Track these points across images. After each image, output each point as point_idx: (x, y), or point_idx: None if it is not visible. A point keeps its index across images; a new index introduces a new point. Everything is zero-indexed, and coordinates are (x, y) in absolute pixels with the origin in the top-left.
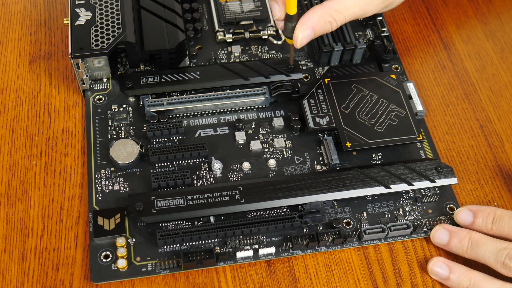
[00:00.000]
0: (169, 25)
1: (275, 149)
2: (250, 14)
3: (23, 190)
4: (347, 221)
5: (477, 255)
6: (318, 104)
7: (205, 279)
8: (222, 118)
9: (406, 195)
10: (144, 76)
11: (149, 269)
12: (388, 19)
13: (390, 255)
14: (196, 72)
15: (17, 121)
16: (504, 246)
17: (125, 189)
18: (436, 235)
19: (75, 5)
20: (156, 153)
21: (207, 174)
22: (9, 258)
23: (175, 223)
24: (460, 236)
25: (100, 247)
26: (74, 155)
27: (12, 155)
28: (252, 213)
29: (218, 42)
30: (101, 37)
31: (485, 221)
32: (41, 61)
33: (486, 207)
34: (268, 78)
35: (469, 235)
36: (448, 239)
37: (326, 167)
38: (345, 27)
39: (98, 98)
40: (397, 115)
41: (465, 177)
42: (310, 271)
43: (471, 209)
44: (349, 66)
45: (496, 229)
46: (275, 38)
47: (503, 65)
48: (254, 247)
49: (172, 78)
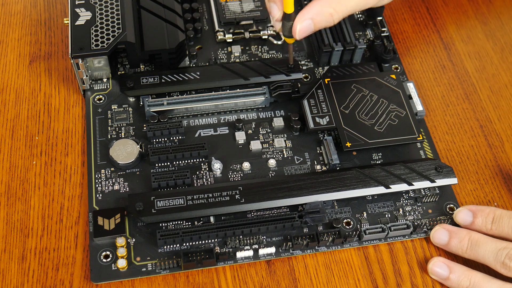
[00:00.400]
0: (169, 25)
1: (275, 149)
2: (250, 14)
3: (23, 190)
4: (347, 221)
5: (476, 255)
6: (318, 104)
7: (205, 279)
8: (222, 118)
9: (406, 195)
10: (144, 76)
11: (149, 269)
12: (388, 19)
13: (390, 255)
14: (196, 73)
15: (17, 121)
16: (504, 246)
17: (125, 189)
18: (435, 235)
19: (75, 5)
20: (156, 153)
21: (207, 174)
22: (9, 258)
23: (175, 223)
24: (459, 236)
25: (100, 247)
26: (74, 155)
27: (12, 155)
28: (252, 213)
29: (218, 42)
30: (101, 37)
31: (485, 221)
32: (41, 61)
33: (485, 207)
34: (268, 78)
35: (468, 235)
36: (448, 239)
37: (326, 167)
38: (345, 27)
39: (98, 98)
40: (397, 115)
41: (465, 177)
42: (310, 271)
43: (471, 209)
44: (349, 66)
45: (495, 229)
46: (275, 38)
47: (503, 65)
48: (254, 247)
49: (172, 79)
